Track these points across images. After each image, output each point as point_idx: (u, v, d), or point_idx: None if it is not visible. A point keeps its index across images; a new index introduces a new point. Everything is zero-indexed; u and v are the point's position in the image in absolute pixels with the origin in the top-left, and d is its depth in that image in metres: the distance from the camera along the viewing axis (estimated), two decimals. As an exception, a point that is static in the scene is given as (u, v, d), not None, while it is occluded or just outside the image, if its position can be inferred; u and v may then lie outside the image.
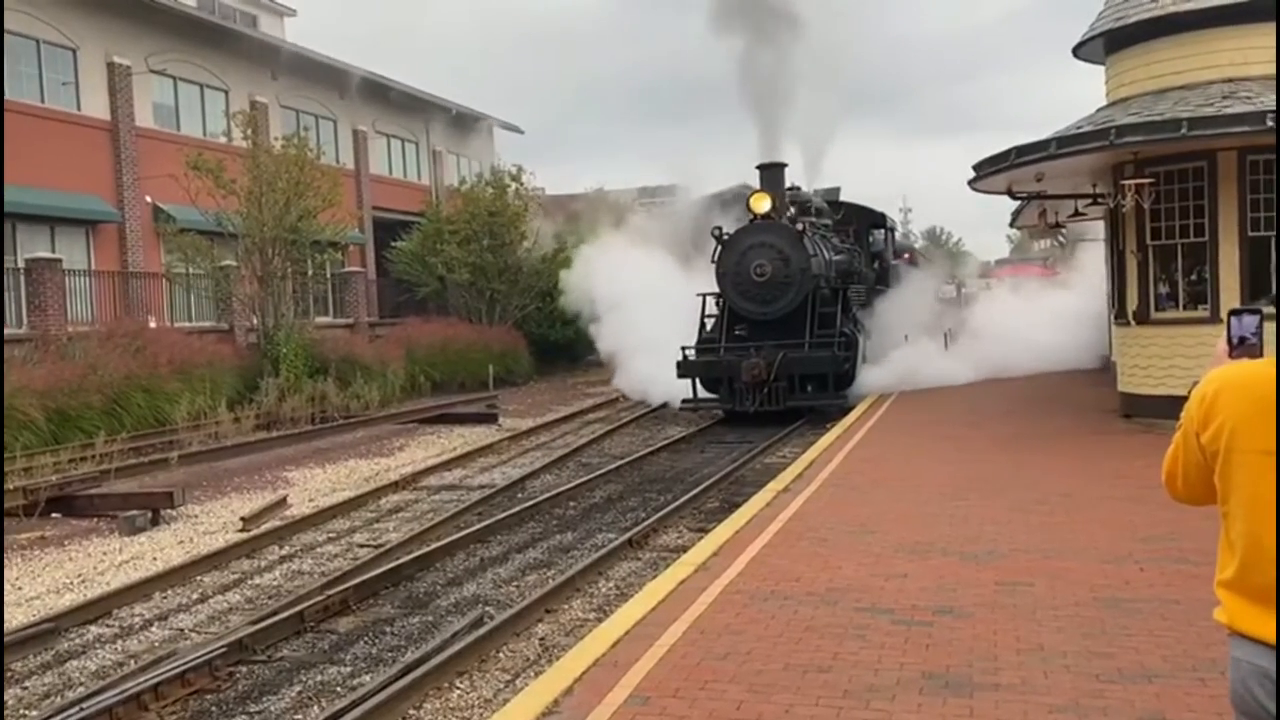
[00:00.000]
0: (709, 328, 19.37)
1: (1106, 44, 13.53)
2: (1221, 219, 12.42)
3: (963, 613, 5.66)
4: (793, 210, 19.29)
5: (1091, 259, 24.51)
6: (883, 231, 25.07)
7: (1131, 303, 13.42)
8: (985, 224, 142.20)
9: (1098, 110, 13.63)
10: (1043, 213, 19.33)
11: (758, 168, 19.25)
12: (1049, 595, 5.93)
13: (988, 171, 13.72)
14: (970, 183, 14.56)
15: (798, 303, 17.99)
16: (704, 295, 19.45)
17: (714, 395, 18.23)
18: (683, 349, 18.37)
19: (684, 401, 18.71)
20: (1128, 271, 13.57)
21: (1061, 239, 26.24)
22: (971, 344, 22.05)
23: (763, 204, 18.39)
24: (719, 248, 18.53)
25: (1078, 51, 14.23)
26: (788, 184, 20.11)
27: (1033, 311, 23.93)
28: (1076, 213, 17.14)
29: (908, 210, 75.31)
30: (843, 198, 24.39)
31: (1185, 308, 12.94)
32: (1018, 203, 19.11)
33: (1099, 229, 21.06)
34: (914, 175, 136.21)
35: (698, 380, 18.21)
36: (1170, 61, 12.67)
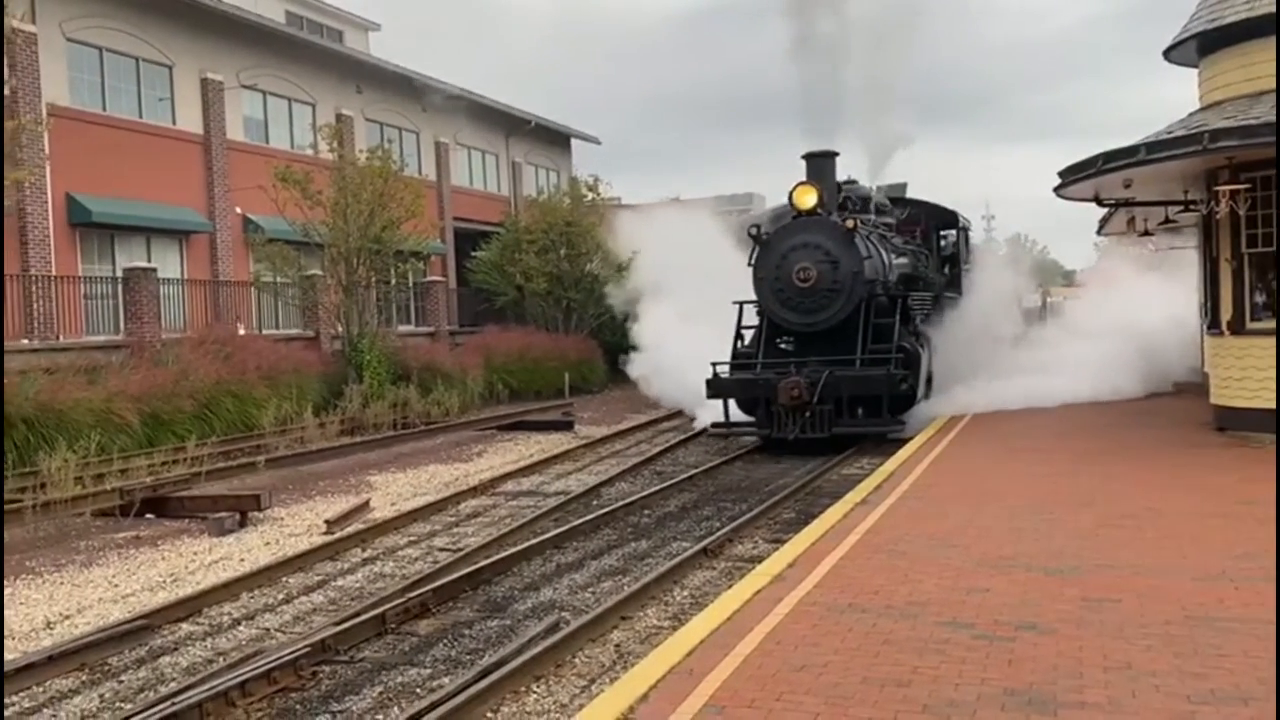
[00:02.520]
0: (747, 340, 17.19)
1: (1200, 46, 13.13)
2: (1322, 225, 11.96)
3: (1047, 629, 5.53)
4: (850, 206, 17.28)
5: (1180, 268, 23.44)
6: (954, 232, 22.51)
7: (1225, 312, 12.98)
8: (1072, 232, 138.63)
9: (1190, 114, 13.23)
10: (1131, 220, 18.82)
11: (804, 156, 16.78)
12: (1137, 612, 5.76)
13: (1074, 178, 13.38)
14: (1056, 189, 14.23)
15: (848, 312, 15.80)
16: (740, 303, 17.21)
17: (751, 419, 16.13)
18: (713, 365, 16.20)
19: (714, 425, 16.77)
20: (1221, 280, 13.13)
21: (1152, 247, 25.29)
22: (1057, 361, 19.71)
23: (808, 198, 16.06)
24: (756, 249, 16.41)
25: (1169, 54, 13.83)
26: (843, 176, 17.92)
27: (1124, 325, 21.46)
28: (1167, 219, 16.66)
29: (990, 217, 73.95)
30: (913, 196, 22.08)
31: (1284, 318, 12.47)
32: (1105, 210, 18.60)
33: (1186, 238, 20.43)
34: (997, 182, 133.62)
35: (733, 401, 16.18)
36: (1267, 63, 12.22)
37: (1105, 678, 4.79)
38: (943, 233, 22.38)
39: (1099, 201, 15.29)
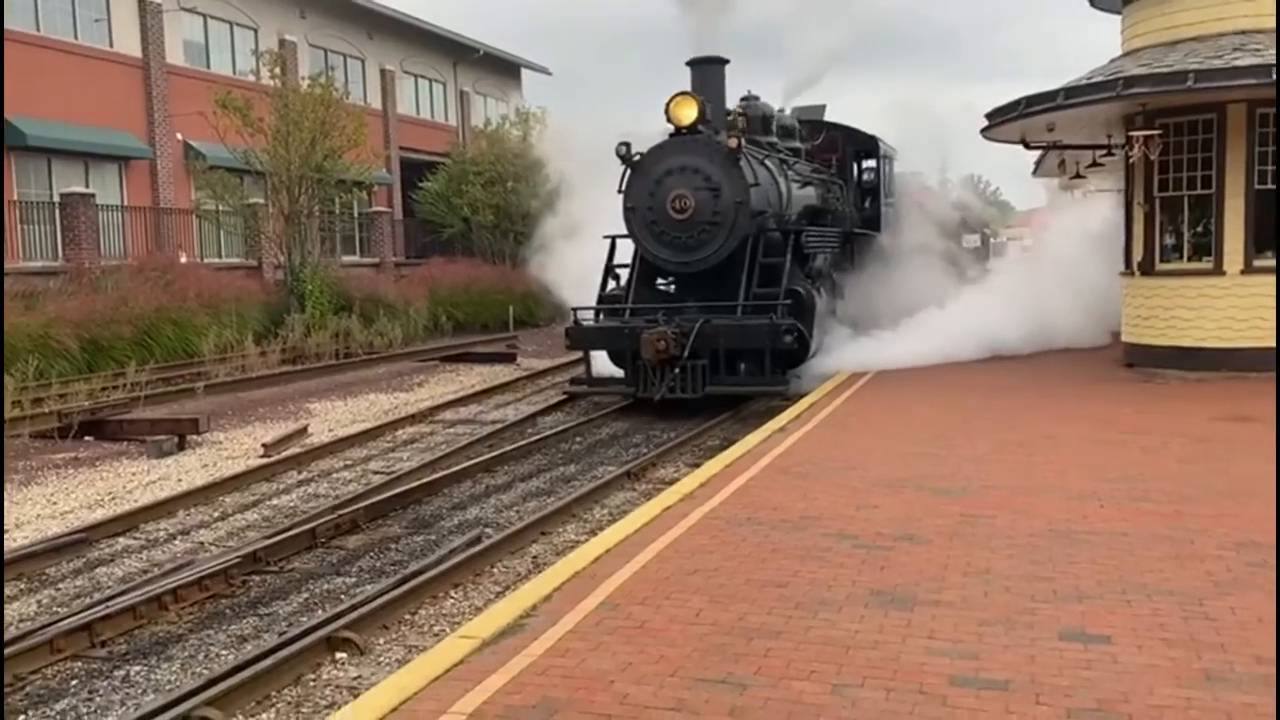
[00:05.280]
0: (624, 280, 14.67)
1: (1123, -7, 13.52)
2: (1229, 172, 12.52)
3: (922, 540, 6.03)
4: (745, 126, 14.49)
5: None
6: (875, 161, 19.73)
7: (1137, 254, 13.57)
8: (1023, 174, 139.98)
9: (1111, 60, 13.66)
10: (1062, 163, 19.36)
11: (688, 64, 14.12)
12: (1008, 527, 6.29)
13: (999, 121, 13.81)
14: (983, 131, 14.65)
15: (731, 249, 13.41)
16: (613, 238, 14.68)
17: (621, 372, 13.96)
18: (574, 311, 14.17)
19: (572, 382, 14.89)
20: (1134, 222, 13.70)
21: (1082, 191, 25.97)
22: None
23: (687, 111, 13.31)
24: (627, 171, 13.84)
25: (1095, 1, 14.21)
26: (744, 93, 15.71)
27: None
28: (1094, 163, 17.19)
29: (944, 157, 73.97)
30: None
31: (1190, 259, 13.09)
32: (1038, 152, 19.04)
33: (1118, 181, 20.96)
34: (953, 123, 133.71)
35: (600, 353, 14.27)
36: (1184, 13, 12.67)
37: (963, 581, 5.29)
38: (864, 163, 19.97)
39: (1026, 144, 15.73)
